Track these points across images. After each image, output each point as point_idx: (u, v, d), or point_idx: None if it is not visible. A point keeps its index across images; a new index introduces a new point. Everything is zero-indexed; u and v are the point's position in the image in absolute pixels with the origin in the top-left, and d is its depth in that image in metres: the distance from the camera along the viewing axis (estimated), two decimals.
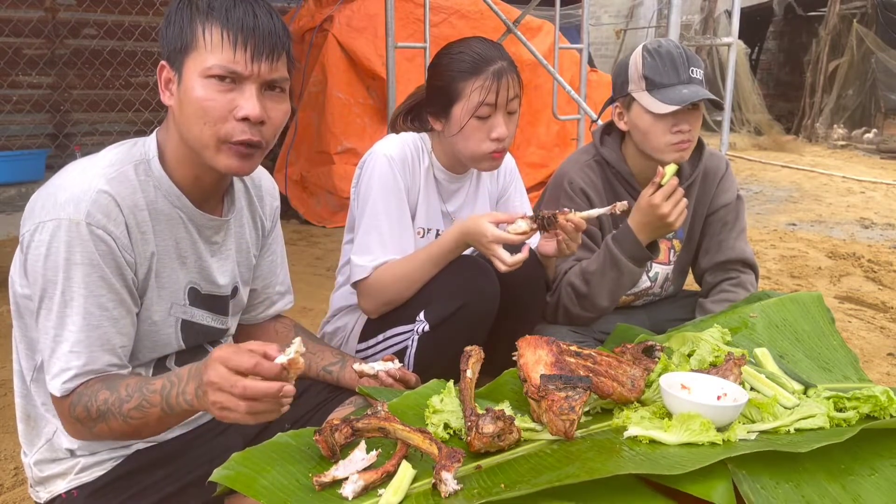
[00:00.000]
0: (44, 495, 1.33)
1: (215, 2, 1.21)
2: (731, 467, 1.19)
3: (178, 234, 1.32)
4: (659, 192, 1.80)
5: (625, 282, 1.92)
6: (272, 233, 1.58)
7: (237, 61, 1.20)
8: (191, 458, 1.34)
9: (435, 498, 1.09)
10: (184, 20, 1.22)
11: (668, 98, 1.88)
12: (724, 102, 1.92)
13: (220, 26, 1.20)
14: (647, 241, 1.87)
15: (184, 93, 1.22)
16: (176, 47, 1.23)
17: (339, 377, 1.57)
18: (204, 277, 1.38)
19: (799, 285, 3.96)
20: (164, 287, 1.31)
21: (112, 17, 5.85)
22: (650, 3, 13.03)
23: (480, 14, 5.38)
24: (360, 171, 1.83)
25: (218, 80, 1.20)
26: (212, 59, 1.20)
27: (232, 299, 1.46)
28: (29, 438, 1.34)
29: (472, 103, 1.71)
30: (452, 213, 1.93)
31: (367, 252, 1.75)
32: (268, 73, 1.23)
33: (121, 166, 1.24)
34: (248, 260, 1.50)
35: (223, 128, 1.22)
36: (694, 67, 1.91)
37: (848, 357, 1.73)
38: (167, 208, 1.29)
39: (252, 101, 1.21)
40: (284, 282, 1.64)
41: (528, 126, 5.81)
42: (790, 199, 6.79)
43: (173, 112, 1.26)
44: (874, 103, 11.04)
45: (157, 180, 1.28)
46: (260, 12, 1.23)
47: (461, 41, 1.80)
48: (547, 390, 1.27)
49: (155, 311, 1.30)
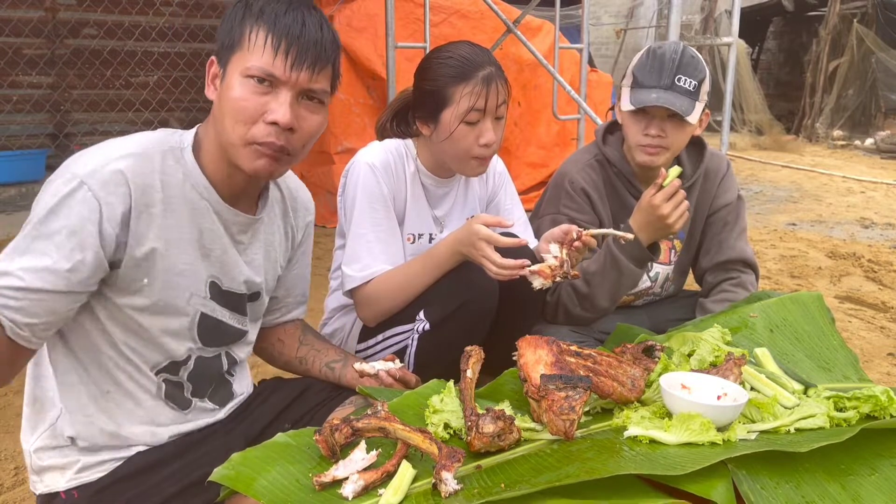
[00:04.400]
0: (40, 487, 1.33)
1: (268, 6, 1.24)
2: (731, 467, 1.19)
3: (202, 225, 1.31)
4: (660, 193, 1.80)
5: (625, 282, 1.92)
6: (302, 246, 1.59)
7: (276, 66, 1.22)
8: (192, 458, 1.34)
9: (435, 498, 1.10)
10: (235, 19, 1.26)
11: (637, 99, 1.89)
12: (690, 116, 1.89)
13: (266, 29, 1.23)
14: (648, 241, 1.87)
15: (223, 89, 1.26)
16: (224, 44, 1.26)
17: (341, 374, 1.58)
18: (225, 273, 1.37)
19: (799, 285, 3.96)
20: (183, 275, 1.30)
21: (112, 17, 5.85)
22: (650, 3, 13.03)
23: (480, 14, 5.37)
24: (344, 180, 1.84)
25: (256, 81, 1.23)
26: (253, 60, 1.22)
27: (250, 302, 1.46)
28: (33, 423, 1.34)
29: (462, 109, 1.71)
30: (442, 218, 1.93)
31: (356, 261, 1.75)
32: (306, 81, 1.25)
33: (147, 147, 1.25)
34: (273, 268, 1.50)
35: (252, 129, 1.24)
36: (683, 76, 1.87)
37: (848, 357, 1.73)
38: (194, 198, 1.30)
39: (284, 107, 1.23)
40: (304, 293, 1.67)
41: (528, 126, 5.81)
42: (790, 198, 6.80)
43: (214, 107, 1.29)
44: (874, 103, 11.05)
45: (188, 170, 1.29)
46: (310, 21, 1.25)
47: (449, 45, 1.80)
48: (547, 390, 1.27)
49: (172, 299, 1.29)
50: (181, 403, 1.37)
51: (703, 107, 1.91)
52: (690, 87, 1.87)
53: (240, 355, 1.48)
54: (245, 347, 1.49)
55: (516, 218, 2.01)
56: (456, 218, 1.95)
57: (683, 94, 1.86)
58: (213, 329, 1.37)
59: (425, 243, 1.88)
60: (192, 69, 6.19)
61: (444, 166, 1.86)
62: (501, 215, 2.02)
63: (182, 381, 1.36)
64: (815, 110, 11.81)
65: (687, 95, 1.87)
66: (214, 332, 1.38)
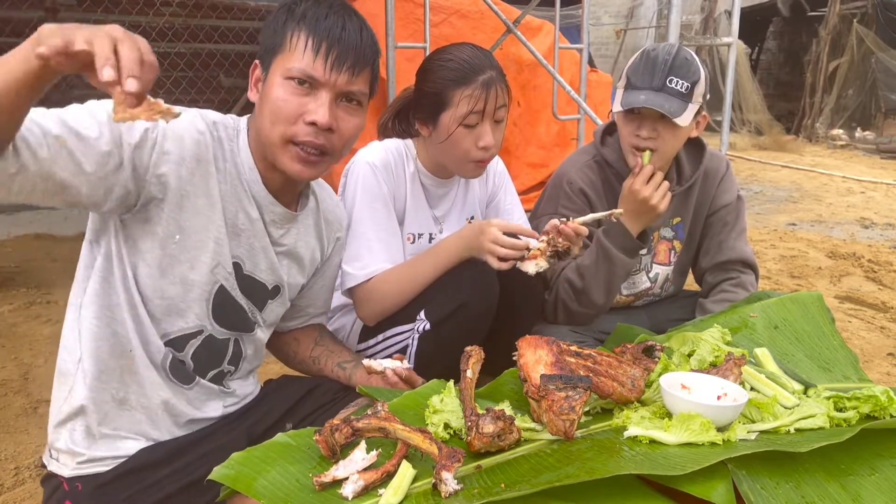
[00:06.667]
0: (54, 465, 1.34)
1: (310, 10, 1.29)
2: (731, 467, 1.19)
3: (239, 205, 1.35)
4: (638, 177, 1.84)
5: (618, 273, 1.93)
6: (330, 261, 1.63)
7: (316, 67, 1.26)
8: (194, 457, 1.35)
9: (435, 498, 1.10)
10: (278, 23, 1.30)
11: (627, 100, 1.90)
12: (680, 118, 1.89)
13: (307, 32, 1.27)
14: (637, 230, 1.89)
15: (265, 90, 1.30)
16: (267, 47, 1.30)
17: (351, 374, 1.60)
18: (250, 257, 1.40)
19: (799, 285, 3.96)
20: (217, 242, 1.32)
21: (112, 18, 5.85)
22: (650, 3, 13.03)
23: (480, 14, 5.36)
24: (344, 180, 1.84)
25: (297, 83, 1.27)
26: (294, 62, 1.26)
27: (270, 299, 1.47)
28: (56, 394, 1.36)
29: (461, 112, 1.72)
30: (441, 218, 1.93)
31: (356, 259, 1.76)
32: (345, 83, 1.29)
33: (210, 116, 1.33)
34: (298, 273, 1.52)
35: (291, 129, 1.28)
36: (675, 77, 1.86)
37: (848, 357, 1.73)
38: (237, 178, 1.34)
39: (323, 108, 1.27)
40: (327, 305, 1.71)
41: (528, 126, 5.81)
42: (790, 199, 6.80)
43: (256, 108, 1.33)
44: (874, 103, 11.05)
45: (238, 148, 1.34)
46: (350, 26, 1.29)
47: (451, 47, 1.80)
48: (547, 390, 1.27)
49: (198, 261, 1.31)
50: (183, 378, 1.38)
51: (696, 109, 1.90)
52: (682, 89, 1.87)
53: (247, 350, 1.48)
54: (253, 344, 1.49)
55: (516, 218, 2.02)
56: (455, 218, 1.95)
57: (675, 95, 1.86)
58: (228, 307, 1.39)
59: (425, 243, 1.88)
60: (192, 69, 6.19)
61: (443, 167, 1.86)
62: (501, 216, 2.02)
63: (185, 359, 1.37)
64: (815, 110, 11.81)
65: (678, 97, 1.86)
66: (228, 311, 1.39)
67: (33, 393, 2.41)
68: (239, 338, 1.45)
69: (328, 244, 1.59)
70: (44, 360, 2.69)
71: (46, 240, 4.42)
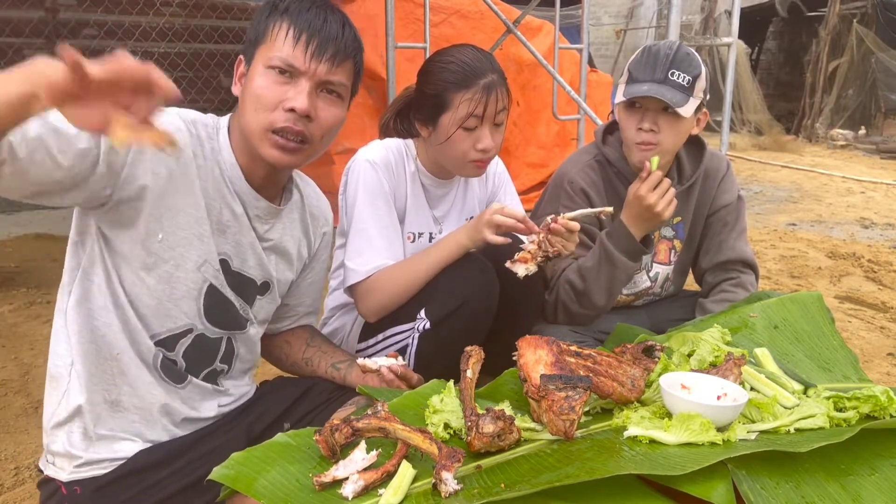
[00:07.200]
0: (50, 469, 1.34)
1: (293, 4, 1.32)
2: (731, 467, 1.19)
3: (222, 201, 1.36)
4: (645, 183, 1.83)
5: (620, 277, 1.92)
6: (318, 257, 1.63)
7: (296, 56, 1.29)
8: (194, 457, 1.35)
9: (435, 498, 1.09)
10: (262, 17, 1.33)
11: (630, 91, 1.90)
12: (683, 108, 1.89)
13: (289, 23, 1.30)
14: (640, 234, 1.89)
15: (247, 81, 1.33)
16: (251, 40, 1.33)
17: (346, 374, 1.60)
18: (238, 254, 1.41)
19: (799, 285, 3.96)
20: (200, 239, 1.33)
21: (112, 18, 5.85)
22: (650, 3, 13.03)
23: (480, 14, 5.36)
24: (345, 178, 1.84)
25: (278, 72, 1.29)
26: (275, 52, 1.29)
27: (260, 295, 1.48)
28: (49, 398, 1.36)
29: (460, 115, 1.72)
30: (441, 218, 1.93)
31: (358, 255, 1.76)
32: (325, 73, 1.31)
33: (189, 115, 1.35)
34: (286, 268, 1.53)
35: (271, 115, 1.29)
36: (677, 70, 1.86)
37: (848, 357, 1.73)
38: (219, 174, 1.35)
39: (302, 96, 1.29)
40: (316, 303, 1.70)
41: (528, 126, 5.81)
42: (790, 199, 6.80)
43: (239, 100, 1.35)
44: (874, 103, 11.05)
45: (219, 145, 1.36)
46: (332, 19, 1.33)
47: (453, 49, 1.80)
48: (547, 390, 1.27)
49: (185, 260, 1.31)
50: (176, 378, 1.38)
51: (698, 103, 1.90)
52: (684, 82, 1.87)
53: (239, 349, 1.48)
54: (246, 342, 1.49)
55: None
56: (455, 218, 1.95)
57: (677, 87, 1.86)
58: (219, 305, 1.39)
59: (425, 242, 1.88)
60: (192, 69, 6.19)
61: (443, 167, 1.86)
62: None
63: (176, 358, 1.37)
64: (815, 110, 11.81)
65: (680, 90, 1.86)
66: (219, 309, 1.39)
67: (33, 393, 2.41)
68: (231, 336, 1.45)
69: (315, 239, 1.59)
70: (44, 360, 2.66)
71: (46, 240, 4.42)
